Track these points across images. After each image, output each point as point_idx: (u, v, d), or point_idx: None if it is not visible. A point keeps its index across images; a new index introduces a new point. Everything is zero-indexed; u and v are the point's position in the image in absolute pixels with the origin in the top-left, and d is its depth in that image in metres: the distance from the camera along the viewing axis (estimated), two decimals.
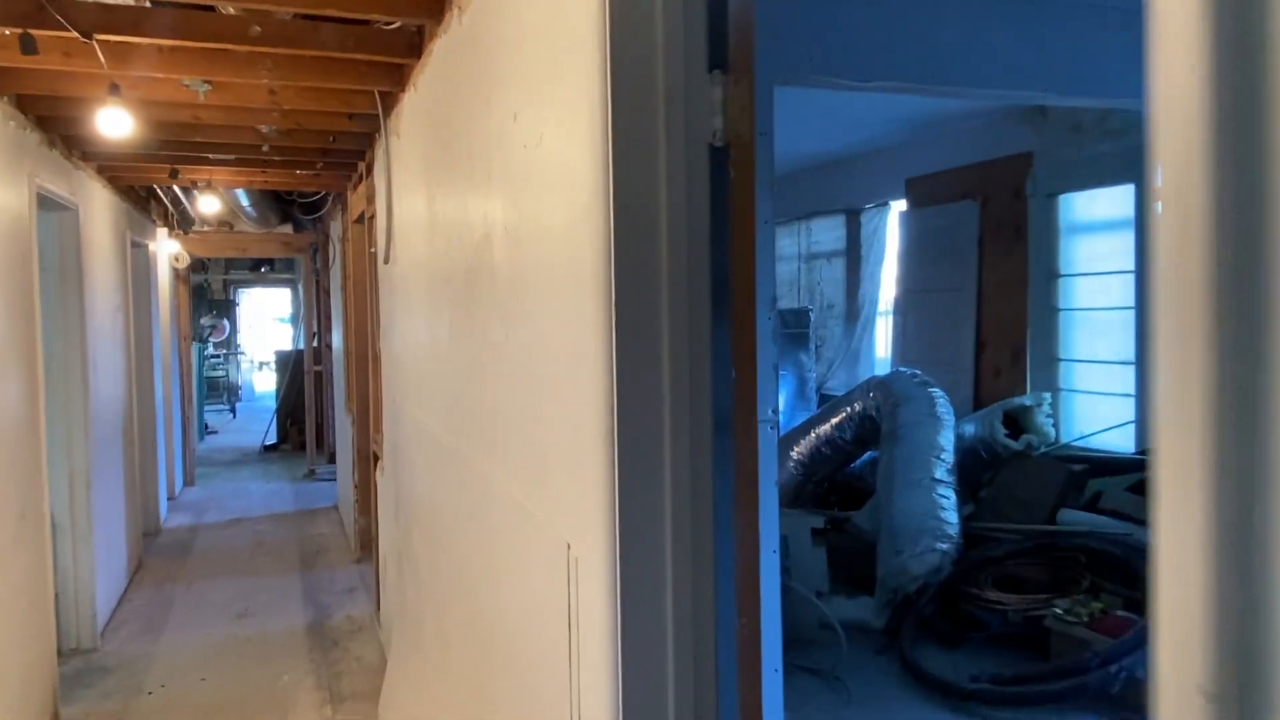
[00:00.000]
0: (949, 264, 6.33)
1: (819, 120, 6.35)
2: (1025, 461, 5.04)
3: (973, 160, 6.16)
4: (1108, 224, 5.28)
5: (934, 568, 4.50)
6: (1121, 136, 5.08)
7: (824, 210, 7.91)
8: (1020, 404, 5.19)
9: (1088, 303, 5.42)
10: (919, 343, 6.69)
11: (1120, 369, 5.18)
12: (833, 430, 5.97)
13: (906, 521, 4.71)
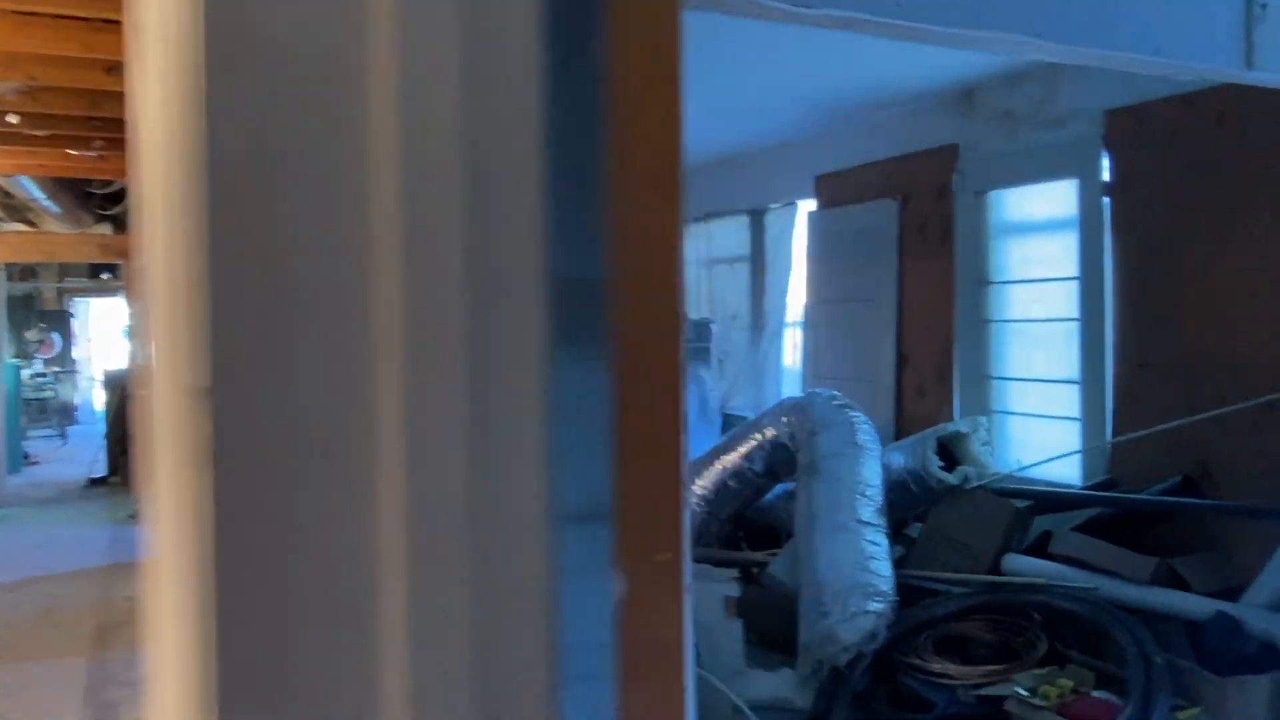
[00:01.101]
0: (865, 270, 5.67)
1: (717, 108, 5.61)
2: (962, 497, 4.38)
3: (891, 154, 5.52)
4: (1045, 224, 4.68)
5: (868, 633, 3.76)
6: (1061, 125, 4.49)
7: (726, 211, 7.19)
8: (955, 431, 4.54)
9: (1023, 313, 4.81)
10: (832, 358, 6.01)
11: (1062, 388, 4.57)
12: (741, 461, 5.20)
13: (833, 575, 3.97)
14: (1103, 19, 2.27)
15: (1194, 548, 3.88)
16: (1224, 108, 3.78)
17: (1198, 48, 2.44)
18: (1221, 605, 3.47)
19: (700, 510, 5.42)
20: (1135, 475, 4.16)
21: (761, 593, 4.50)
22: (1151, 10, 2.35)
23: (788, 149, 6.49)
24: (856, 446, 4.57)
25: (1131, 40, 2.32)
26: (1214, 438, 3.87)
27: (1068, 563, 3.92)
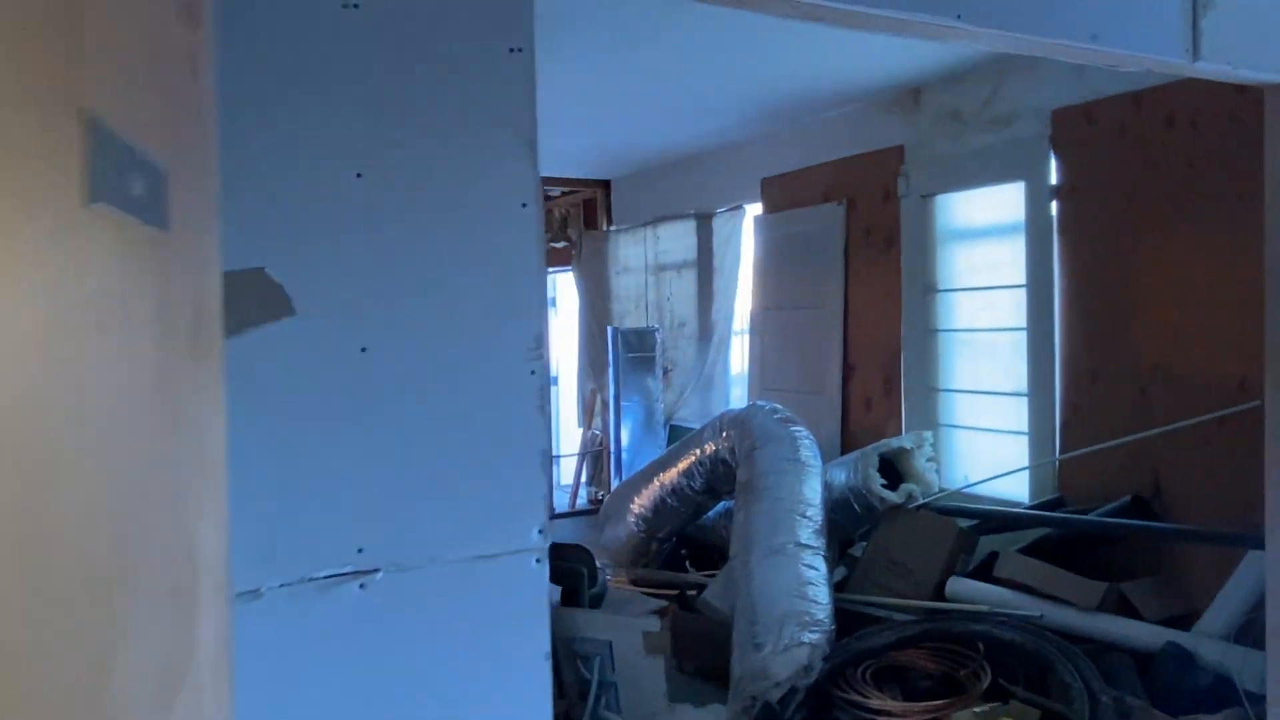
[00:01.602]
0: (811, 276, 5.44)
1: (660, 110, 5.36)
2: (905, 517, 4.15)
3: (837, 156, 5.30)
4: (993, 229, 4.47)
5: (802, 666, 3.51)
6: (1007, 126, 4.28)
7: (672, 215, 6.93)
8: (898, 446, 4.30)
9: (970, 322, 4.60)
10: (779, 367, 5.77)
11: (1011, 401, 4.36)
12: (679, 478, 4.95)
13: (767, 603, 3.71)
14: (1033, 2, 2.04)
15: (1146, 571, 3.68)
16: (1174, 107, 3.58)
17: (1140, 36, 2.22)
18: (1173, 635, 3.26)
19: (638, 530, 5.16)
20: (1085, 493, 3.96)
21: (696, 620, 4.24)
22: None
23: (734, 150, 6.26)
24: (798, 463, 4.33)
25: (1066, 26, 2.09)
26: (1166, 454, 3.67)
27: (1013, 587, 3.70)
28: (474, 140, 1.46)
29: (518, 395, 1.50)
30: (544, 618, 1.53)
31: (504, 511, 1.50)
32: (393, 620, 1.42)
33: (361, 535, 1.39)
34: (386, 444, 1.41)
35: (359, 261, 1.38)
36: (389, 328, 1.40)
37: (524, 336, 1.50)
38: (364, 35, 1.38)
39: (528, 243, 1.50)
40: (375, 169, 1.39)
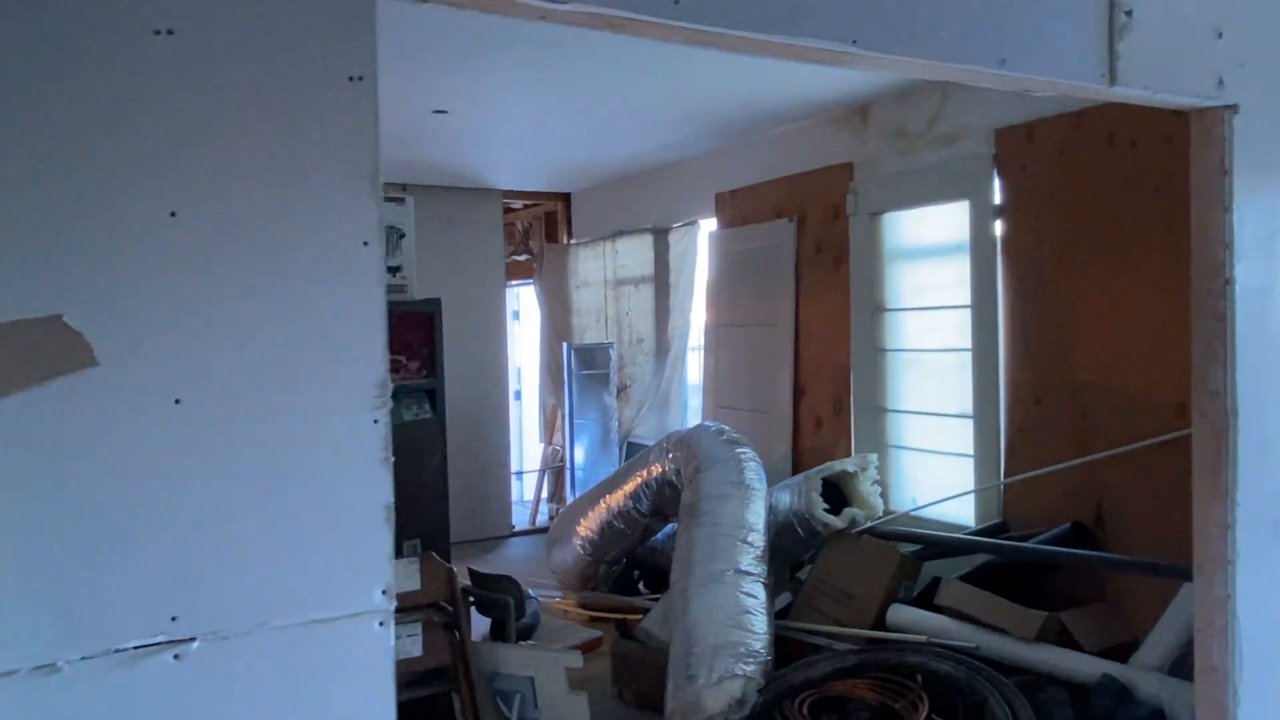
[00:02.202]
0: (763, 293, 5.36)
1: (616, 124, 5.28)
2: (848, 542, 4.06)
3: (788, 172, 5.23)
4: (938, 248, 4.40)
5: (735, 699, 3.42)
6: (952, 144, 4.22)
7: (631, 229, 6.85)
8: (841, 469, 4.22)
9: (917, 342, 4.53)
10: (732, 385, 5.69)
11: (957, 422, 4.29)
12: (626, 501, 4.85)
13: (703, 632, 3.62)
14: (934, 26, 1.96)
15: (1086, 599, 3.61)
16: (1113, 127, 3.53)
17: (1052, 61, 2.15)
18: (1110, 666, 3.19)
19: (584, 554, 5.06)
20: (1029, 518, 3.89)
21: (637, 648, 4.14)
22: (997, 18, 2.05)
23: (689, 165, 6.18)
24: (742, 487, 4.24)
25: (971, 52, 2.02)
26: (1109, 480, 3.61)
27: (954, 615, 3.63)
28: (307, 174, 1.36)
29: (358, 446, 1.40)
30: (388, 684, 1.43)
31: (342, 572, 1.40)
32: (212, 693, 1.31)
33: (175, 602, 1.29)
34: (204, 502, 1.30)
35: (173, 306, 1.28)
36: (207, 377, 1.30)
37: (365, 384, 1.40)
38: (180, 63, 1.28)
39: (369, 284, 1.41)
40: (193, 207, 1.29)
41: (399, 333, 3.62)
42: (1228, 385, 2.50)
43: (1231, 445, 2.50)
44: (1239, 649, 2.51)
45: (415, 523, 3.58)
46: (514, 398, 9.04)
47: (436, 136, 5.36)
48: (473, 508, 7.31)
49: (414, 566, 2.92)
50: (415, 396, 3.65)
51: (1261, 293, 2.53)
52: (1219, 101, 2.45)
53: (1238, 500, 2.50)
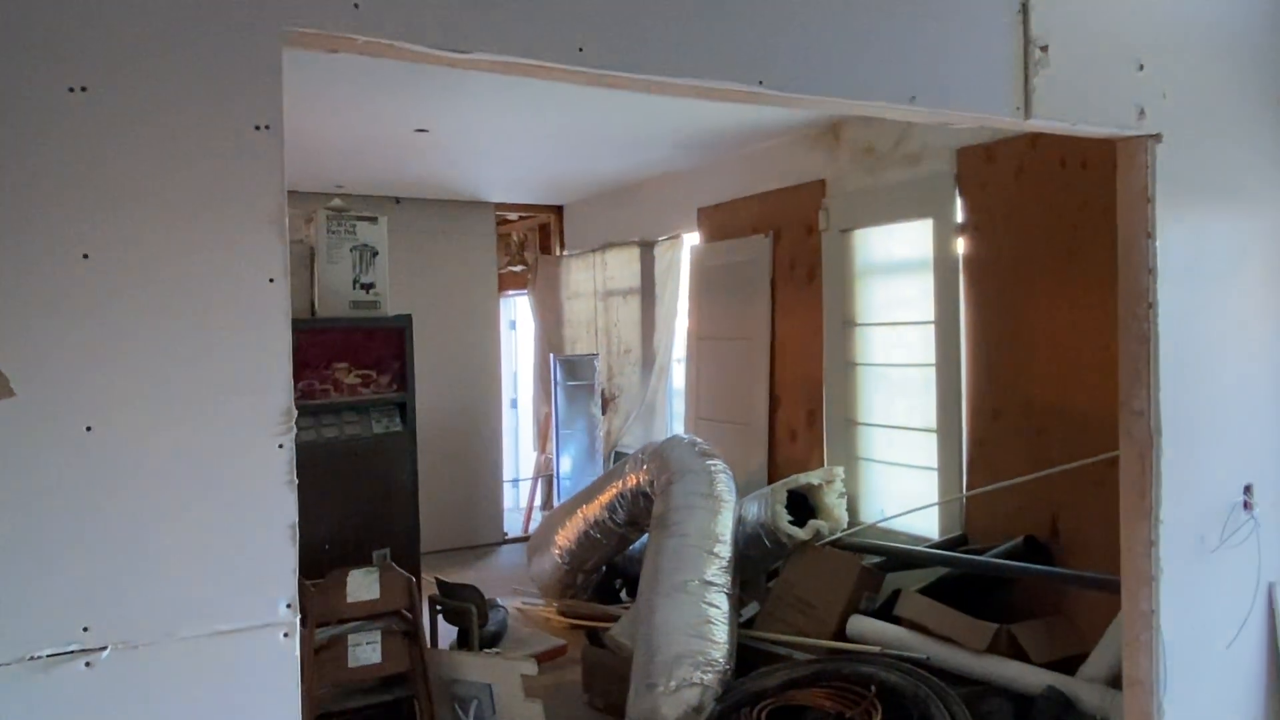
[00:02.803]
0: (741, 306, 5.45)
1: (601, 140, 5.38)
2: (812, 553, 4.14)
3: (765, 188, 5.32)
4: (905, 265, 4.48)
5: (692, 707, 3.51)
6: (917, 163, 4.31)
7: (619, 242, 6.95)
8: (806, 482, 4.30)
9: (885, 357, 4.61)
10: (712, 397, 5.78)
11: (923, 436, 4.37)
12: (602, 511, 4.95)
13: (666, 641, 3.71)
14: (842, 67, 2.05)
15: (1041, 611, 3.68)
16: (1065, 149, 3.60)
17: (965, 95, 2.24)
18: (1056, 678, 3.25)
19: (562, 563, 5.16)
20: (988, 531, 3.96)
21: (607, 656, 4.24)
22: (907, 58, 2.14)
23: (673, 180, 6.28)
24: (712, 498, 4.32)
25: (880, 89, 2.11)
26: (1063, 495, 3.67)
27: (911, 626, 3.70)
28: (215, 217, 1.47)
29: (264, 470, 1.51)
30: (292, 692, 1.53)
31: (248, 586, 1.50)
32: (123, 698, 1.42)
33: (87, 614, 1.39)
34: (114, 521, 1.41)
35: (86, 340, 1.39)
36: (117, 406, 1.41)
37: (270, 411, 1.51)
38: (93, 117, 1.39)
39: (275, 317, 1.51)
40: (105, 249, 1.40)
41: (370, 348, 3.73)
42: (1151, 406, 2.57)
43: (1155, 464, 2.57)
44: (1163, 662, 2.58)
45: (385, 532, 3.69)
46: (510, 406, 9.17)
47: (423, 153, 5.49)
48: (465, 515, 7.42)
49: (373, 576, 3.02)
50: (386, 410, 3.76)
51: (1185, 317, 2.60)
52: (1141, 131, 2.53)
53: (1161, 518, 2.57)
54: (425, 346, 6.82)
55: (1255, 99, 2.76)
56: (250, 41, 1.48)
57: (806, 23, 1.99)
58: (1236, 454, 2.74)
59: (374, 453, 3.70)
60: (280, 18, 1.51)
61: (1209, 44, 2.65)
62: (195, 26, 1.44)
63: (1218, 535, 2.68)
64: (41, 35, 1.36)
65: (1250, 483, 2.77)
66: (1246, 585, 2.74)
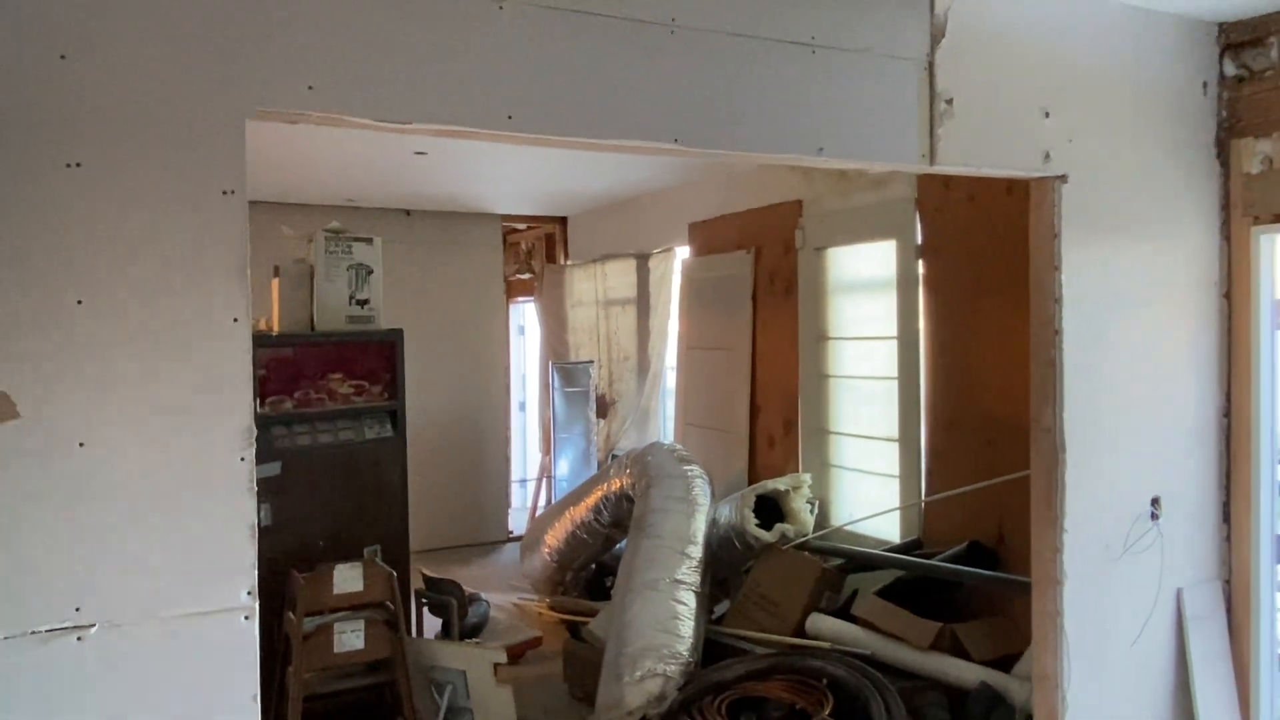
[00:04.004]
0: (726, 318, 5.71)
1: (595, 156, 5.65)
2: (777, 555, 4.39)
3: (748, 206, 5.58)
4: (872, 283, 4.72)
5: (654, 696, 3.77)
6: (883, 187, 4.54)
7: (618, 253, 7.23)
8: (773, 488, 4.55)
9: (854, 369, 4.84)
10: (698, 404, 6.05)
11: (887, 445, 4.60)
12: (588, 513, 5.23)
13: (634, 635, 3.97)
14: (752, 124, 2.31)
15: (985, 612, 3.90)
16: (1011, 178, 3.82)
17: (872, 146, 2.49)
18: (990, 675, 3.49)
19: (551, 561, 5.45)
20: (942, 536, 4.19)
21: (586, 649, 4.51)
22: (815, 114, 2.39)
23: (667, 195, 6.55)
24: (687, 502, 4.58)
25: (789, 142, 2.37)
26: (1008, 502, 3.89)
27: (866, 625, 3.94)
28: (188, 267, 1.76)
29: (228, 478, 1.80)
30: (252, 665, 1.82)
31: (215, 576, 1.79)
32: (108, 666, 1.72)
33: (79, 597, 1.69)
34: (103, 521, 1.71)
35: (79, 371, 1.69)
36: (105, 425, 1.70)
37: (234, 430, 1.80)
38: (86, 188, 1.69)
39: (238, 350, 1.80)
40: (95, 295, 1.70)
41: (364, 360, 4.04)
42: (1057, 423, 2.81)
43: (1060, 477, 2.80)
44: (1067, 659, 2.81)
45: (376, 531, 3.99)
46: (518, 408, 9.49)
47: (427, 171, 5.80)
48: (471, 514, 7.75)
49: (357, 570, 3.32)
50: (378, 417, 4.06)
51: (1090, 342, 2.84)
52: (1047, 173, 2.77)
53: (1065, 527, 2.81)
54: (433, 352, 7.25)
55: (1159, 142, 2.98)
56: (219, 122, 1.77)
57: (718, 87, 2.26)
58: (1143, 469, 2.97)
59: (366, 457, 4.00)
60: (246, 100, 1.80)
61: (1115, 92, 2.88)
62: (172, 110, 1.74)
63: (1122, 543, 2.91)
64: (43, 120, 1.66)
65: (1158, 495, 3.00)
66: (1152, 590, 2.97)
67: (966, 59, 2.60)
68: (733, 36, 2.27)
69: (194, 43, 1.75)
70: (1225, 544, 3.16)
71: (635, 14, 2.17)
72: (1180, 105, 3.04)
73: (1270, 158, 3.05)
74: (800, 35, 2.36)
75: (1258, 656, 3.13)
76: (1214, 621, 3.13)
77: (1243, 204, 3.12)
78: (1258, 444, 3.10)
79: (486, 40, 2.02)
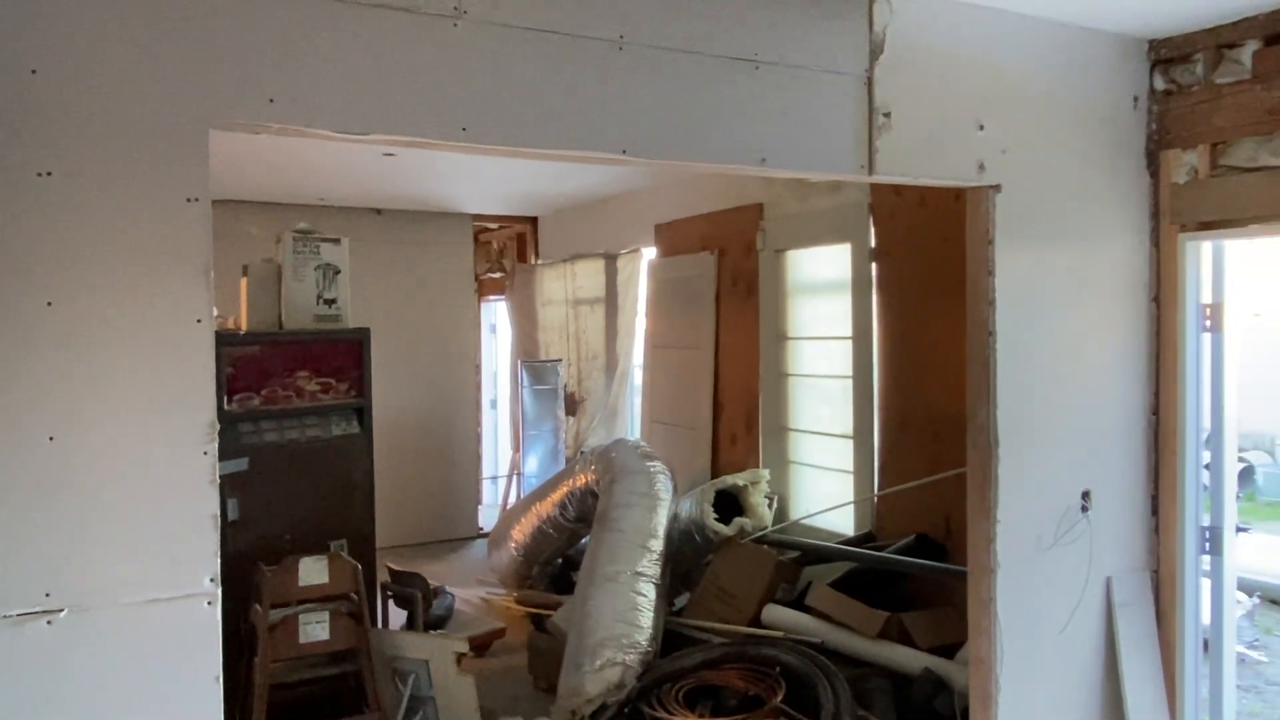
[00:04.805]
0: (691, 318, 5.84)
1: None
2: (735, 548, 4.53)
3: (712, 209, 5.71)
4: (829, 285, 4.87)
5: (613, 684, 3.90)
6: (838, 192, 4.69)
7: (587, 253, 7.34)
8: (732, 483, 4.69)
9: (812, 368, 4.99)
10: (664, 402, 6.18)
11: (841, 442, 4.75)
12: (554, 509, 5.35)
13: (595, 626, 4.09)
14: (698, 136, 2.43)
15: (932, 602, 4.06)
16: None
17: (812, 156, 2.62)
18: (934, 661, 3.64)
19: (518, 556, 5.56)
20: (893, 529, 4.34)
21: (549, 640, 4.63)
22: (758, 126, 2.51)
23: (635, 197, 6.67)
24: (650, 497, 4.71)
25: (732, 152, 2.50)
26: (954, 496, 4.04)
27: (819, 615, 4.08)
28: (154, 271, 1.86)
29: (191, 471, 1.90)
30: (214, 647, 1.92)
31: (178, 563, 1.89)
32: (77, 648, 1.81)
33: (49, 582, 1.79)
34: (71, 511, 1.80)
35: (50, 370, 1.78)
36: (74, 421, 1.80)
37: (197, 425, 1.90)
38: (56, 196, 1.78)
39: (201, 350, 1.90)
40: (65, 297, 1.79)
41: (331, 358, 4.12)
42: (991, 420, 2.95)
43: (994, 471, 2.95)
44: (1001, 644, 2.96)
45: (342, 525, 4.08)
46: (489, 406, 9.58)
47: (397, 172, 5.88)
48: (441, 510, 7.84)
49: (322, 563, 3.41)
50: (344, 414, 4.15)
51: (1022, 343, 2.98)
52: (982, 182, 2.91)
53: (999, 518, 2.95)
54: (405, 351, 7.34)
55: (1092, 153, 3.14)
56: (183, 133, 1.87)
57: (664, 100, 2.38)
58: (1074, 463, 3.12)
59: (333, 454, 4.10)
60: (209, 112, 1.90)
61: (1048, 105, 3.03)
62: (137, 123, 1.83)
63: (1053, 534, 3.06)
64: (15, 132, 1.75)
65: (1088, 488, 3.15)
66: (1082, 578, 3.12)
67: (904, 74, 2.74)
68: (679, 53, 2.39)
69: (158, 59, 1.85)
70: (1153, 535, 3.32)
71: (586, 31, 2.28)
72: (1112, 118, 3.20)
73: (1196, 168, 3.21)
74: (744, 52, 2.48)
75: (1183, 642, 3.29)
76: (1142, 608, 3.29)
77: (1171, 213, 3.28)
78: (1184, 440, 3.26)
79: (442, 55, 2.13)
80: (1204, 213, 3.20)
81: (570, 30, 2.26)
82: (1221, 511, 3.25)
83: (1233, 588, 3.34)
